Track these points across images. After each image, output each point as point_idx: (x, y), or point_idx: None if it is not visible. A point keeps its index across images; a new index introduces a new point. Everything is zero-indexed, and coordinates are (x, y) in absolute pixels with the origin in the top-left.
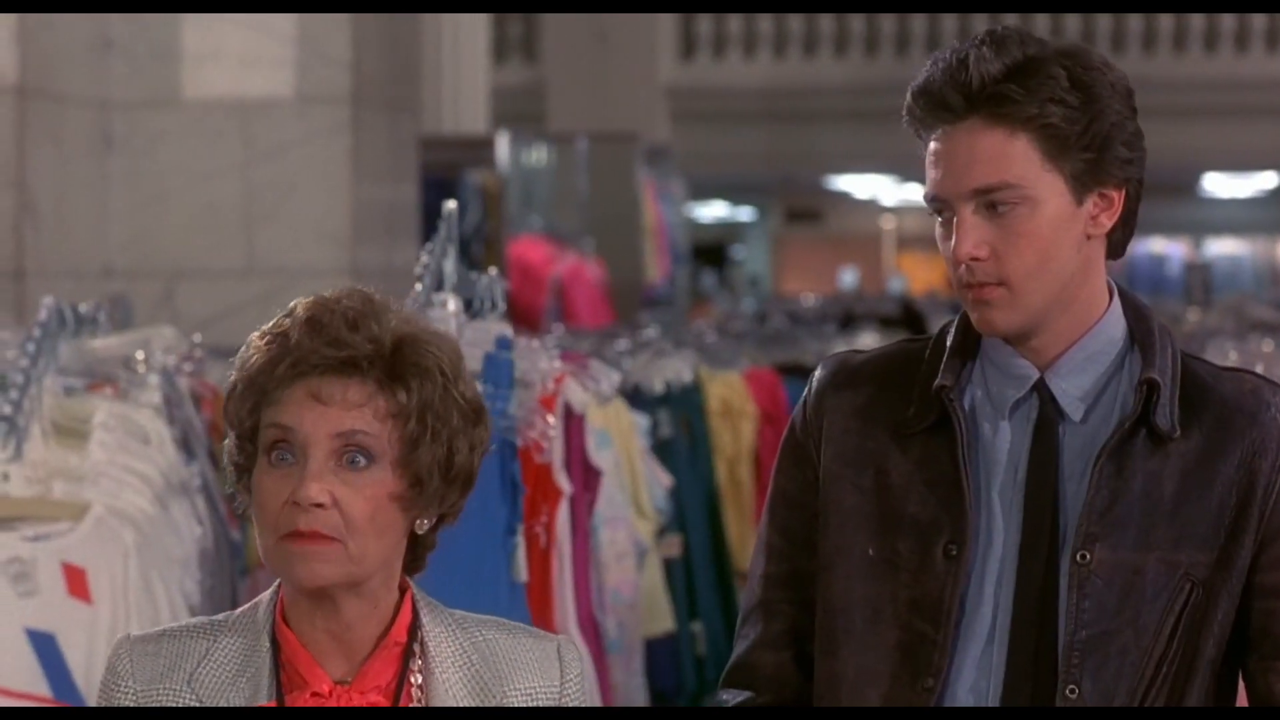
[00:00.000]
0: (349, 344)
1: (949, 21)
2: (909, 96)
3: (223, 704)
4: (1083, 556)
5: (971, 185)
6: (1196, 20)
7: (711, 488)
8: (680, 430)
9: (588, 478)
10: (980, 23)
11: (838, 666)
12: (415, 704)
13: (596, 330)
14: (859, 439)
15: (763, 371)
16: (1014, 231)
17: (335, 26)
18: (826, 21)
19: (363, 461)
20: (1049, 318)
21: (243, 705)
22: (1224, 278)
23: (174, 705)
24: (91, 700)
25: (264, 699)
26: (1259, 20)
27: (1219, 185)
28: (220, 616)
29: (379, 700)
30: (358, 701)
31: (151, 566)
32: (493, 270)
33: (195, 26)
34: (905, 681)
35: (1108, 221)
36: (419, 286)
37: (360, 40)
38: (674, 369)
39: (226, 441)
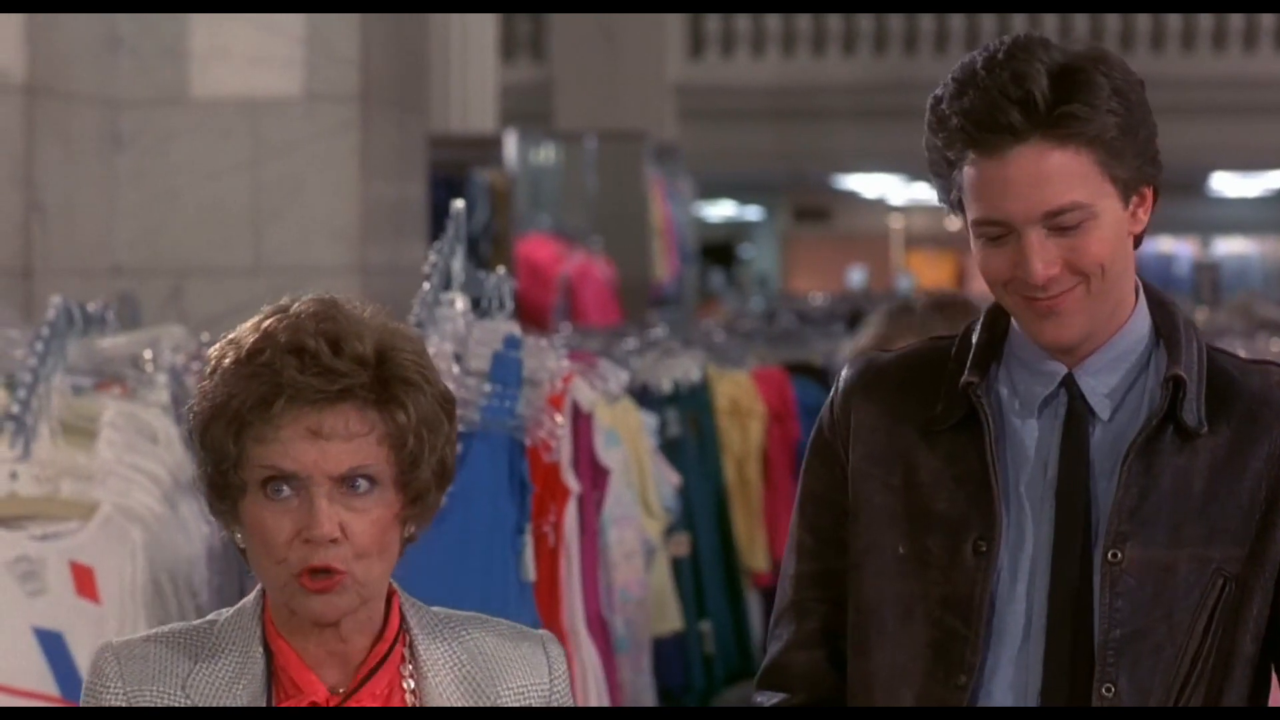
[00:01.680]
0: (341, 372)
1: (956, 20)
2: (955, 119)
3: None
4: (1114, 555)
5: (1043, 209)
6: (1205, 19)
7: (720, 487)
8: (688, 429)
9: (596, 477)
10: (988, 22)
11: (870, 665)
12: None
13: (605, 329)
14: (887, 437)
15: (771, 370)
16: (1080, 245)
17: (344, 25)
18: (835, 20)
19: (365, 485)
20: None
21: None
22: (1232, 277)
23: (171, 706)
24: None
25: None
26: (1268, 19)
27: (1227, 184)
28: (202, 623)
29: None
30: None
31: (160, 566)
32: (501, 269)
33: (203, 25)
34: (939, 679)
35: (1145, 217)
36: (427, 285)
37: (368, 39)
38: (682, 368)
39: (202, 469)
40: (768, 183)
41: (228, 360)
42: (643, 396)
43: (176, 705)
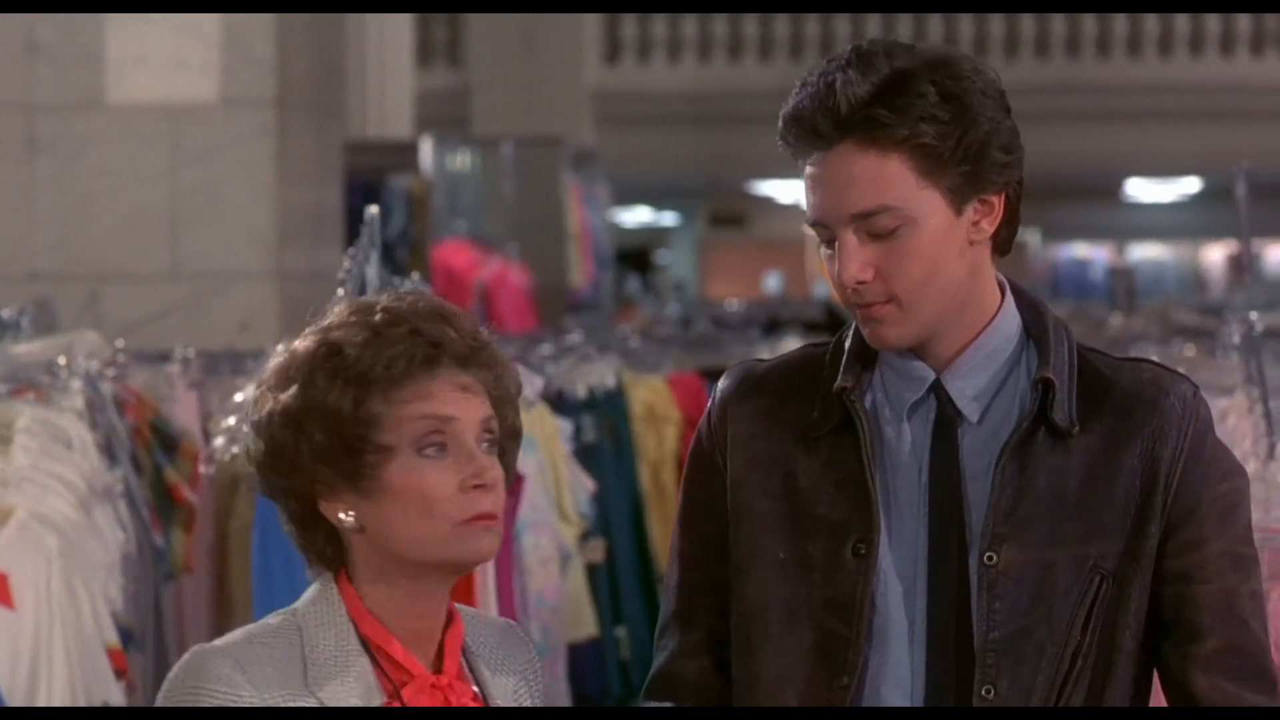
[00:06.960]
0: (475, 336)
1: (873, 22)
2: (780, 123)
3: (343, 704)
4: (989, 558)
5: (850, 211)
6: (1120, 24)
7: (635, 492)
8: (604, 435)
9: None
10: (904, 24)
11: (756, 668)
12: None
13: (521, 335)
14: (766, 443)
15: (687, 376)
16: (897, 251)
17: (260, 29)
18: (751, 25)
19: (489, 445)
20: (942, 325)
21: (359, 705)
22: (1148, 282)
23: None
24: (13, 703)
25: (377, 700)
26: (1182, 24)
27: (1142, 190)
28: (276, 621)
29: (473, 690)
30: (462, 691)
31: (75, 571)
32: (416, 275)
33: (121, 30)
34: (822, 681)
35: (989, 226)
36: (341, 291)
37: (285, 43)
38: (598, 374)
39: (313, 445)
40: (685, 188)
41: (353, 336)
42: (558, 402)
43: (309, 706)
